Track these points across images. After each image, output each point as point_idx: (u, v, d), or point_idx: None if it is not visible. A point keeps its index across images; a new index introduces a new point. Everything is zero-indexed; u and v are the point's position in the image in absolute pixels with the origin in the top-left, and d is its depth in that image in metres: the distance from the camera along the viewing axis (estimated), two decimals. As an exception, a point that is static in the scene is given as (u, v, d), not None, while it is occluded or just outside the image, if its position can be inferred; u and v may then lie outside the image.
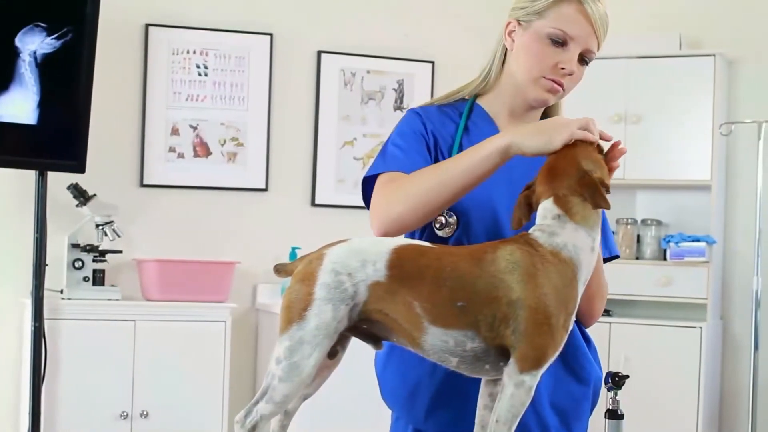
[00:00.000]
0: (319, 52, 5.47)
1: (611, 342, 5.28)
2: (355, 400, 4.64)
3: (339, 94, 5.50)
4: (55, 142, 4.51)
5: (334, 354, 1.80)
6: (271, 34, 5.37)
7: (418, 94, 5.58)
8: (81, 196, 4.77)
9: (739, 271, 5.50)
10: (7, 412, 4.90)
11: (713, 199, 5.35)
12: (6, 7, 4.40)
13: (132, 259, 5.03)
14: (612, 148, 1.87)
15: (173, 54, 5.21)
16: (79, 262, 4.77)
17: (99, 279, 4.82)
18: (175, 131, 5.21)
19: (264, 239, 5.32)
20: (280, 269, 1.81)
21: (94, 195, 4.79)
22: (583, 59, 2.05)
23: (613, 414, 2.14)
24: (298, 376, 1.68)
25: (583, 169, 1.79)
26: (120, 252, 4.89)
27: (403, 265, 1.71)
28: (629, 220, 5.54)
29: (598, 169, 1.80)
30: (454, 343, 1.71)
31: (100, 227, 4.81)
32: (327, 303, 1.69)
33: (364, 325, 1.76)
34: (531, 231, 1.78)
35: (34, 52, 4.41)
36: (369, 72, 5.54)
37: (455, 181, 1.89)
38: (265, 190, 5.37)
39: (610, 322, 5.31)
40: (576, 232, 1.77)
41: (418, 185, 1.92)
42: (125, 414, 4.64)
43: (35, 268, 4.49)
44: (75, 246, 4.78)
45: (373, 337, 1.80)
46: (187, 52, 5.23)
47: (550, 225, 1.77)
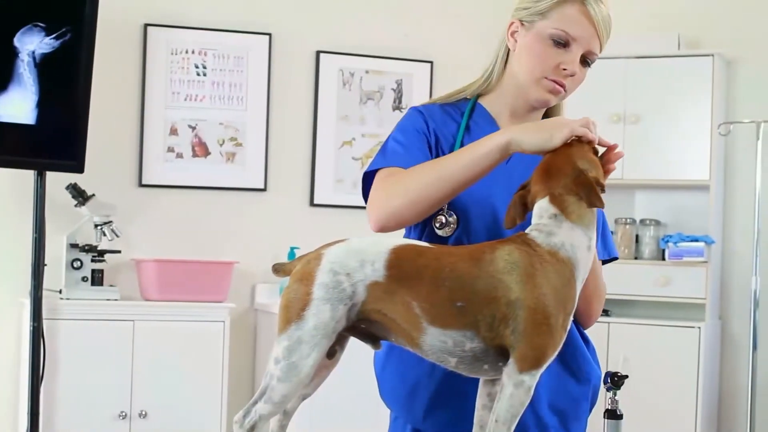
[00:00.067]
0: (318, 52, 5.47)
1: (610, 342, 5.28)
2: (353, 399, 4.64)
3: (338, 94, 5.50)
4: (54, 142, 4.51)
5: (332, 354, 1.80)
6: (269, 34, 5.37)
7: (416, 94, 5.58)
8: (80, 196, 4.77)
9: (737, 271, 5.50)
10: (6, 412, 4.90)
11: (712, 199, 5.36)
12: (5, 7, 4.40)
13: (131, 259, 5.03)
14: (609, 150, 1.88)
15: (172, 54, 5.21)
16: (78, 262, 4.76)
17: (98, 279, 4.82)
18: (173, 131, 5.21)
19: (263, 239, 5.32)
20: (279, 269, 1.81)
21: (93, 195, 4.79)
22: (586, 61, 2.05)
23: (612, 414, 2.14)
24: (297, 376, 1.68)
25: (579, 168, 1.79)
26: (119, 252, 4.89)
27: (402, 265, 1.71)
28: (628, 220, 5.54)
29: (594, 169, 1.81)
30: (452, 343, 1.71)
31: (99, 227, 4.80)
32: (325, 303, 1.69)
33: (362, 324, 1.76)
34: (528, 231, 1.78)
35: (33, 52, 4.41)
36: (368, 72, 5.54)
37: (454, 177, 1.88)
38: (264, 190, 5.37)
39: (609, 322, 5.31)
40: (573, 231, 1.77)
41: (417, 180, 1.91)
42: (124, 414, 4.64)
43: (34, 268, 4.48)
44: (74, 246, 4.78)
45: (371, 337, 1.80)
46: (186, 52, 5.23)
47: (547, 224, 1.77)
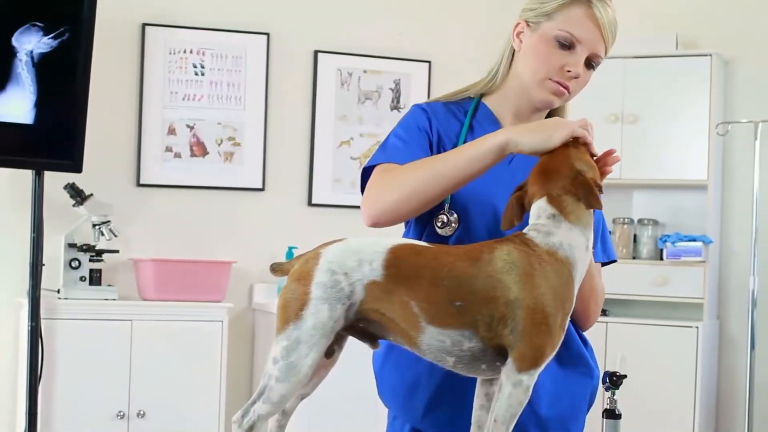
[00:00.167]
0: (316, 52, 5.47)
1: (608, 342, 5.28)
2: (352, 399, 4.64)
3: (336, 93, 5.50)
4: (52, 141, 4.51)
5: (330, 353, 1.80)
6: (267, 34, 5.37)
7: (414, 94, 5.58)
8: (78, 195, 4.77)
9: (735, 270, 5.50)
10: (4, 412, 4.90)
11: (710, 199, 5.36)
12: (3, 6, 4.39)
13: (129, 259, 5.03)
14: (606, 154, 1.88)
15: (170, 53, 5.20)
16: (76, 262, 4.76)
17: (96, 279, 4.82)
18: (171, 131, 5.21)
19: (261, 239, 5.32)
20: (277, 268, 1.81)
21: (91, 195, 4.79)
22: (590, 63, 2.05)
23: (611, 414, 2.15)
24: (295, 375, 1.68)
25: (577, 170, 1.79)
26: (117, 252, 4.89)
27: (400, 265, 1.71)
28: (626, 220, 5.54)
29: (591, 171, 1.82)
30: (451, 342, 1.71)
31: (97, 227, 4.80)
32: (323, 302, 1.69)
33: (360, 324, 1.75)
34: (526, 231, 1.78)
35: (31, 52, 4.41)
36: (366, 72, 5.54)
37: (450, 175, 1.88)
38: (262, 189, 5.37)
39: (607, 322, 5.31)
40: (571, 231, 1.77)
41: (412, 176, 1.91)
42: (122, 414, 4.64)
43: (32, 268, 4.48)
44: (72, 246, 4.77)
45: (370, 337, 1.80)
46: (184, 51, 5.23)
47: (545, 224, 1.77)
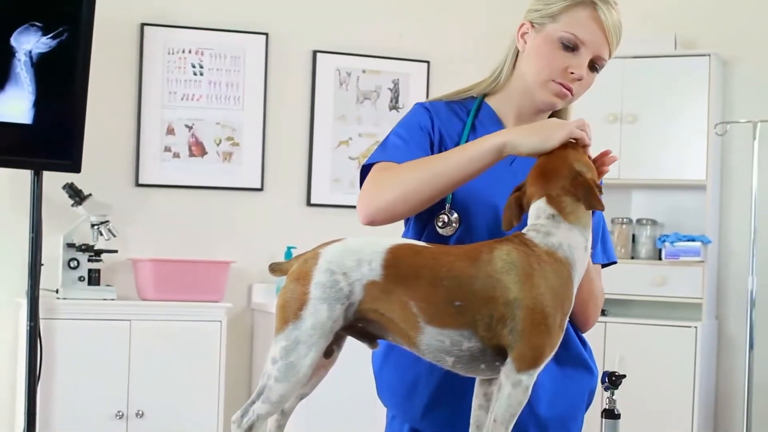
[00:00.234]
0: (315, 52, 5.47)
1: (606, 342, 5.28)
2: (351, 399, 4.64)
3: (334, 93, 5.50)
4: (51, 141, 4.51)
5: (330, 353, 1.80)
6: (266, 34, 5.37)
7: (413, 94, 5.58)
8: (76, 195, 4.77)
9: (734, 270, 5.50)
10: (3, 412, 4.90)
11: (708, 199, 5.36)
12: (1, 6, 4.39)
13: (127, 259, 5.02)
14: (602, 155, 1.89)
15: (169, 53, 5.20)
16: (75, 262, 4.76)
17: (94, 279, 4.82)
18: (170, 131, 5.21)
19: (259, 239, 5.32)
20: (275, 268, 1.81)
21: (90, 194, 4.78)
22: (594, 66, 2.05)
23: (610, 413, 2.14)
24: (295, 375, 1.68)
25: (576, 170, 1.79)
26: (115, 252, 4.89)
27: (399, 265, 1.71)
28: (624, 220, 5.54)
29: (589, 171, 1.82)
30: (450, 342, 1.71)
31: (96, 227, 4.80)
32: (322, 302, 1.69)
33: (360, 324, 1.75)
34: (525, 231, 1.78)
35: (30, 52, 4.40)
36: (364, 71, 5.54)
37: (448, 175, 1.88)
38: (261, 189, 5.36)
39: (606, 322, 5.31)
40: (570, 231, 1.77)
41: (409, 175, 1.91)
42: (121, 414, 4.64)
43: (30, 268, 4.48)
44: (70, 246, 4.77)
45: (369, 337, 1.80)
46: (183, 51, 5.23)
47: (545, 225, 1.77)
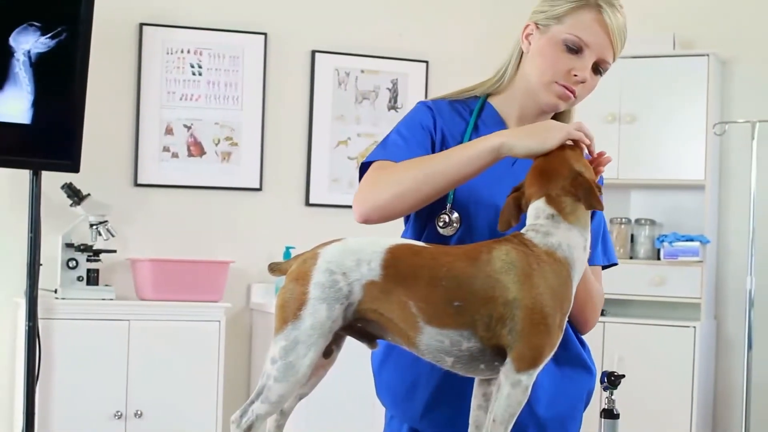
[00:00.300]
0: (314, 52, 5.47)
1: (605, 341, 5.29)
2: (350, 399, 4.64)
3: (333, 93, 5.50)
4: (49, 141, 4.51)
5: (329, 353, 1.80)
6: (265, 34, 5.37)
7: (412, 94, 5.58)
8: (75, 195, 4.77)
9: (732, 270, 5.50)
10: (2, 412, 4.90)
11: (707, 199, 5.36)
12: (0, 6, 4.39)
13: (126, 259, 5.02)
14: (597, 156, 1.89)
15: (167, 53, 5.20)
16: (73, 262, 4.76)
17: (93, 278, 4.82)
18: (169, 131, 5.21)
19: (258, 239, 5.32)
20: (275, 268, 1.81)
21: (88, 194, 4.78)
22: (598, 69, 2.05)
23: (609, 413, 2.15)
24: (294, 375, 1.68)
25: (576, 171, 1.79)
26: (114, 251, 4.89)
27: (398, 265, 1.71)
28: (623, 220, 5.55)
29: (588, 172, 1.82)
30: (449, 342, 1.71)
31: (94, 227, 4.80)
32: (321, 302, 1.69)
33: (359, 324, 1.75)
34: (524, 231, 1.78)
35: (29, 52, 4.40)
36: (363, 71, 5.54)
37: (444, 175, 1.88)
38: (259, 189, 5.36)
39: (604, 322, 5.31)
40: (570, 231, 1.77)
41: (406, 175, 1.91)
42: (119, 414, 4.64)
43: (29, 268, 4.48)
44: (69, 245, 4.77)
45: (368, 336, 1.80)
46: (182, 51, 5.23)
47: (544, 225, 1.77)
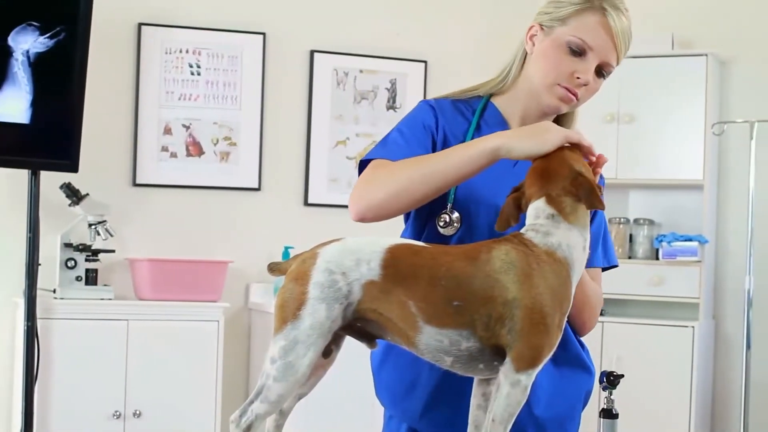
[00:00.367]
0: (312, 52, 5.47)
1: (604, 341, 5.29)
2: (348, 399, 4.64)
3: (332, 93, 5.50)
4: (48, 141, 4.51)
5: (328, 353, 1.80)
6: (263, 34, 5.37)
7: (410, 94, 5.58)
8: (74, 195, 4.76)
9: (731, 270, 5.51)
10: (0, 412, 4.89)
11: (705, 199, 5.36)
12: (-1, 6, 4.40)
13: (125, 259, 5.02)
14: (597, 158, 1.89)
15: (166, 53, 5.20)
16: (72, 262, 4.76)
17: (92, 278, 4.82)
18: (167, 130, 5.21)
19: (257, 239, 5.32)
20: (274, 268, 1.81)
21: (87, 194, 4.78)
22: (601, 72, 2.04)
23: (608, 413, 2.15)
24: (293, 375, 1.68)
25: (576, 171, 1.79)
26: (113, 251, 4.89)
27: (398, 265, 1.71)
28: (621, 220, 5.55)
29: (588, 172, 1.82)
30: (449, 342, 1.71)
31: (93, 227, 4.80)
32: (321, 302, 1.69)
33: (358, 324, 1.75)
34: (524, 231, 1.78)
35: (27, 51, 4.40)
36: (362, 71, 5.54)
37: (441, 176, 1.88)
38: (258, 189, 5.36)
39: (603, 322, 5.31)
40: (570, 231, 1.77)
41: (403, 174, 1.91)
42: (118, 413, 4.64)
43: (28, 268, 4.48)
44: (68, 245, 4.77)
45: (367, 336, 1.80)
46: (180, 51, 5.23)
47: (544, 224, 1.77)
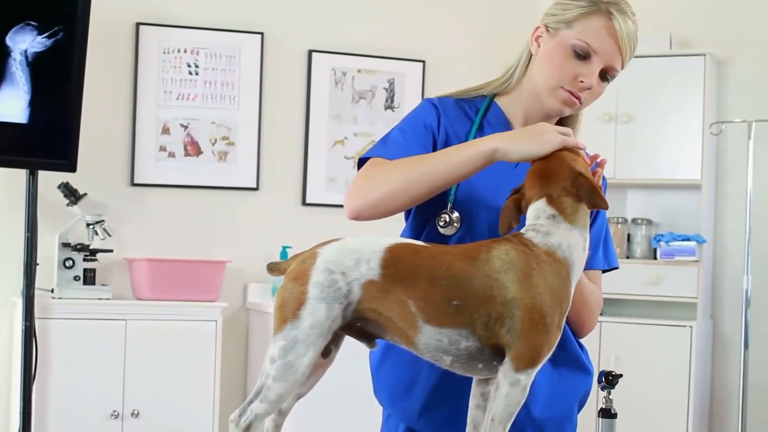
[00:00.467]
0: (310, 51, 5.47)
1: (602, 341, 5.29)
2: (347, 398, 4.64)
3: (330, 93, 5.50)
4: (46, 141, 4.50)
5: (327, 353, 1.80)
6: (262, 33, 5.37)
7: (408, 94, 5.58)
8: (72, 195, 4.76)
9: (729, 270, 5.51)
10: (-2, 412, 4.90)
11: (703, 199, 5.36)
12: (-3, 5, 4.40)
13: (123, 259, 5.02)
14: (591, 159, 1.91)
15: (164, 53, 5.20)
16: (70, 262, 4.76)
17: (90, 278, 4.81)
18: (165, 130, 5.20)
19: (255, 238, 5.32)
20: (274, 268, 1.81)
21: (85, 194, 4.78)
22: (605, 76, 2.03)
23: (607, 413, 2.15)
24: (293, 375, 1.68)
25: (577, 171, 1.80)
26: (111, 251, 4.89)
27: (397, 264, 1.72)
28: (619, 220, 5.55)
29: (587, 172, 1.83)
30: (448, 341, 1.72)
31: (91, 226, 4.80)
32: (320, 302, 1.69)
33: (358, 323, 1.76)
34: (524, 231, 1.79)
35: (25, 51, 4.40)
36: (360, 71, 5.54)
37: (437, 176, 1.88)
38: (256, 189, 5.36)
39: (601, 322, 5.31)
40: (570, 232, 1.78)
41: (399, 173, 1.91)
42: (116, 413, 4.63)
43: (26, 268, 4.48)
44: (66, 245, 4.77)
45: (367, 336, 1.80)
46: (178, 51, 5.22)
47: (544, 225, 1.78)
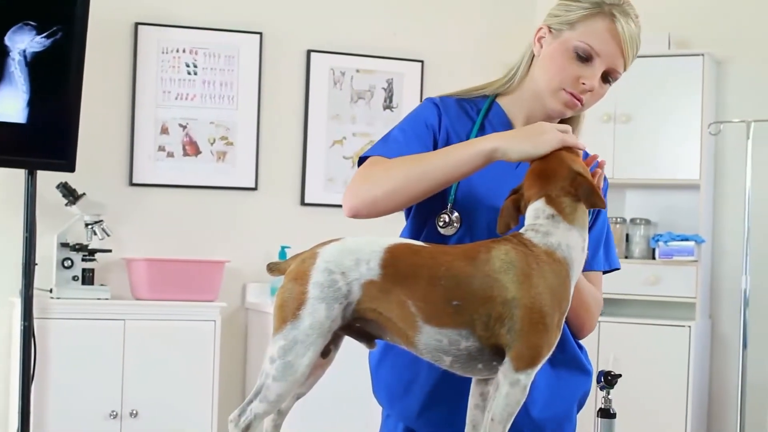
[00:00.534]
0: (309, 51, 5.47)
1: (600, 341, 5.29)
2: (346, 398, 4.64)
3: (328, 93, 5.50)
4: (45, 140, 4.50)
5: (327, 353, 1.80)
6: (260, 33, 5.37)
7: (407, 94, 5.58)
8: (70, 195, 4.76)
9: (727, 270, 5.51)
10: (-4, 412, 4.90)
11: (702, 199, 5.37)
12: (-5, 5, 4.39)
13: (121, 259, 5.02)
14: (590, 159, 1.90)
15: (163, 53, 5.20)
16: (69, 262, 4.75)
17: (88, 278, 4.81)
18: (164, 130, 5.20)
19: (253, 238, 5.32)
20: (273, 268, 1.81)
21: (84, 194, 4.78)
22: (607, 78, 2.02)
23: (606, 413, 2.15)
24: (292, 375, 1.68)
25: (575, 171, 1.80)
26: (109, 251, 4.89)
27: (397, 264, 1.72)
28: (618, 219, 5.55)
29: (586, 172, 1.83)
30: (448, 342, 1.72)
31: (90, 226, 4.79)
32: (320, 302, 1.69)
33: (357, 323, 1.76)
34: (523, 231, 1.79)
35: (24, 51, 4.40)
36: (358, 71, 5.54)
37: (436, 175, 1.88)
38: (255, 189, 5.36)
39: (600, 321, 5.30)
40: (569, 231, 1.78)
41: (398, 173, 1.91)
42: (115, 413, 4.63)
43: (24, 268, 4.47)
44: (64, 245, 4.77)
45: (366, 336, 1.80)
46: (177, 50, 5.22)
47: (544, 225, 1.78)
